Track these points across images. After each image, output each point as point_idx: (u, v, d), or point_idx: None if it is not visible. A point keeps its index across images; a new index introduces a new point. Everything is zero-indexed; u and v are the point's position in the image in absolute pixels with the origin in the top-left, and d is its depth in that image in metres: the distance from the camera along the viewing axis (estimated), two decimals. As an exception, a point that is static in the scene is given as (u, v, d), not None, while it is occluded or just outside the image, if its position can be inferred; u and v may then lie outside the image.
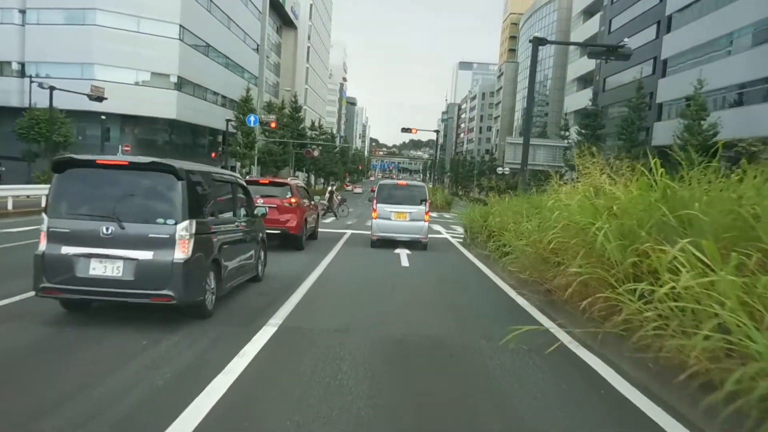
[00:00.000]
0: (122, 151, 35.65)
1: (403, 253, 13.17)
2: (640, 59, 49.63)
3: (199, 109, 46.04)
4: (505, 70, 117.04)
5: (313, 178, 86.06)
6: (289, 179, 13.07)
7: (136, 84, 40.10)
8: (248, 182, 12.65)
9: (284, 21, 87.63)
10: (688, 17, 43.00)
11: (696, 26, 41.22)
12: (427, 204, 13.88)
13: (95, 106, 38.83)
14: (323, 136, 79.55)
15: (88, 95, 30.51)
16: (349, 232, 18.42)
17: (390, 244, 14.28)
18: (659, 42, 46.85)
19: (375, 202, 13.91)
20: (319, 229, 17.89)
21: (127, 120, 41.29)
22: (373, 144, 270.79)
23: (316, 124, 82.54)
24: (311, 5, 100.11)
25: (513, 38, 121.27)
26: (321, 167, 79.67)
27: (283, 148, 55.12)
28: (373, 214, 13.95)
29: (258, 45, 64.34)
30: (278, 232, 12.19)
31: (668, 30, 45.37)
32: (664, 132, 41.51)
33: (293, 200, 12.33)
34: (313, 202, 14.78)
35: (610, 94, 54.30)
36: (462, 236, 18.95)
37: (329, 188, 32.60)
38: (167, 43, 40.72)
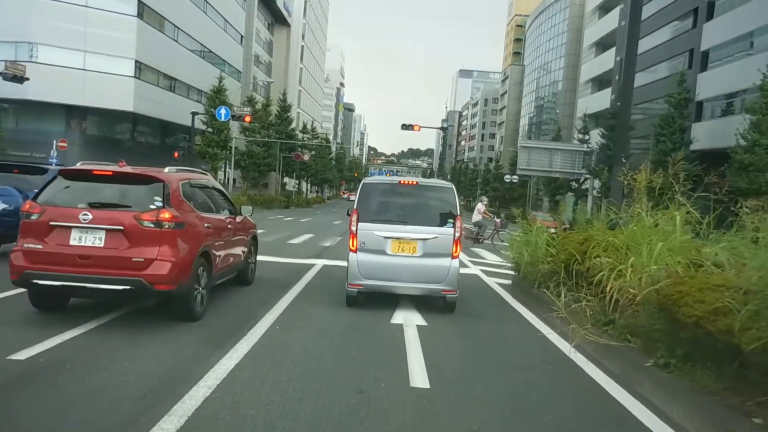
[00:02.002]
0: (57, 148, 28.85)
1: (411, 327, 6.37)
2: (673, 53, 43.42)
3: (164, 102, 39.25)
4: (511, 73, 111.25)
5: (306, 185, 79.42)
6: (166, 171, 6.08)
7: (84, 69, 33.32)
8: (67, 173, 5.91)
9: (276, 18, 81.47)
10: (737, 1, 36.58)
11: (749, 8, 34.80)
12: (459, 223, 7.08)
13: (34, 94, 32.14)
14: (316, 140, 72.81)
15: (1, 74, 23.74)
16: (321, 263, 11.57)
17: (384, 299, 7.50)
18: (697, 32, 40.48)
19: (355, 218, 7.10)
20: (272, 258, 11.15)
21: (73, 111, 34.52)
22: (372, 152, 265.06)
23: (309, 126, 75.85)
24: (306, 2, 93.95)
25: (518, 41, 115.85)
26: (313, 173, 72.98)
27: (267, 150, 48.35)
28: (351, 243, 7.14)
29: (242, 36, 57.72)
30: (126, 287, 5.37)
31: (710, 17, 38.99)
32: (707, 134, 35.25)
33: (167, 216, 5.50)
34: (239, 218, 7.92)
35: (635, 93, 47.57)
36: (496, 269, 12.19)
37: (480, 205, 20.15)
38: (123, 20, 34.02)
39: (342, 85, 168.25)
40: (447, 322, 6.82)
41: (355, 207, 7.17)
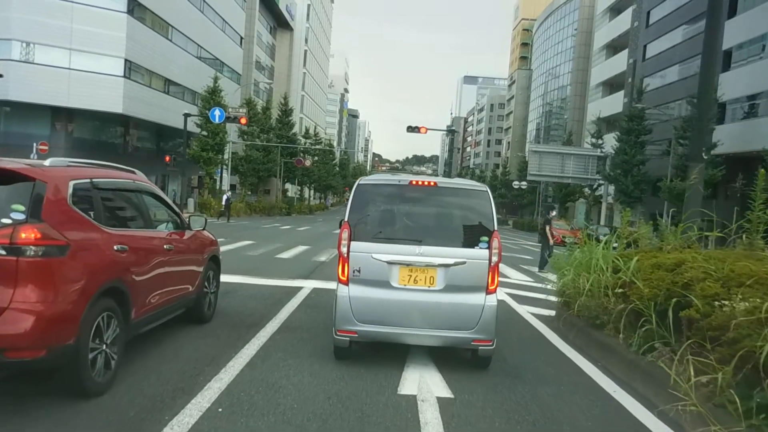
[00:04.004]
0: (37, 151, 26.85)
1: (431, 402, 4.16)
2: (691, 53, 41.18)
3: (158, 105, 37.26)
4: (518, 78, 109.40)
5: (309, 191, 77.33)
6: (47, 164, 3.91)
7: (70, 68, 31.37)
8: None
9: (279, 21, 79.80)
10: (763, -5, 34.37)
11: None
12: (497, 243, 4.89)
13: (16, 95, 30.29)
14: (319, 145, 70.78)
15: (-29, 70, 21.80)
16: (310, 285, 9.35)
17: (388, 349, 5.26)
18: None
19: (346, 234, 4.91)
20: (250, 279, 9.02)
21: (59, 113, 32.53)
22: (376, 159, 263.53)
23: (311, 131, 73.86)
24: (309, 5, 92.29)
25: (525, 45, 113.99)
26: (316, 179, 70.89)
27: (266, 155, 46.30)
28: (341, 271, 4.96)
29: (242, 38, 55.83)
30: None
31: (732, 14, 36.84)
32: (731, 137, 33.07)
33: (32, 236, 3.36)
34: (188, 234, 5.73)
35: (650, 96, 45.44)
36: (526, 291, 10.01)
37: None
38: (111, 17, 32.08)
39: (346, 90, 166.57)
40: (482, 390, 4.59)
41: (346, 218, 4.98)
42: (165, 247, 5.05)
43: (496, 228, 4.94)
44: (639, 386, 4.64)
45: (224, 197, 32.44)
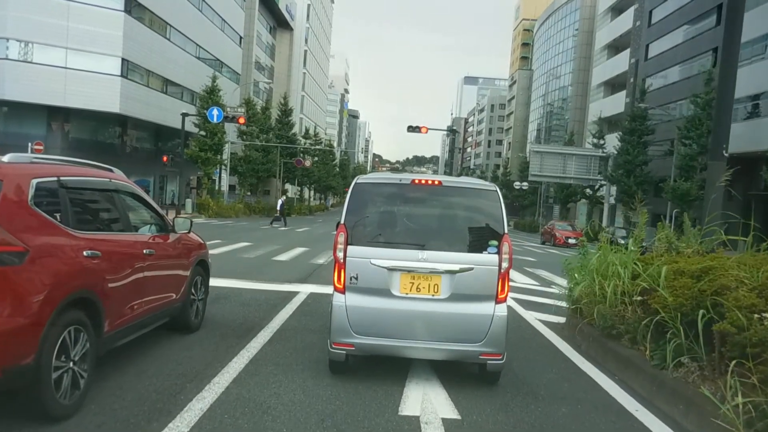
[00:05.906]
0: (32, 151, 26.44)
1: (436, 425, 3.75)
2: (694, 52, 40.76)
3: (156, 105, 36.88)
4: (518, 78, 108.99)
5: (308, 192, 76.95)
6: (5, 160, 3.54)
7: (66, 67, 30.98)
8: None
9: (278, 21, 79.45)
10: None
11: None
12: (508, 247, 4.48)
13: (11, 94, 29.92)
14: (319, 146, 70.33)
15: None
16: (307, 290, 8.93)
17: (388, 363, 4.83)
18: (721, 30, 37.57)
19: (342, 238, 4.49)
20: (244, 283, 8.61)
21: (55, 113, 32.16)
22: (376, 159, 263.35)
23: (311, 132, 73.43)
24: (309, 5, 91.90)
25: (525, 45, 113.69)
26: (316, 180, 70.47)
27: (266, 156, 45.86)
28: (337, 278, 4.54)
29: (241, 37, 55.44)
30: None
31: (738, 12, 36.05)
32: (734, 137, 32.43)
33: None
34: (173, 237, 5.31)
35: (652, 96, 44.97)
36: (532, 296, 9.61)
37: None
38: (108, 15, 31.70)
39: (347, 91, 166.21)
40: (492, 410, 4.16)
41: (342, 220, 4.56)
42: (145, 251, 4.63)
43: (506, 231, 4.52)
44: (663, 405, 4.22)
45: (279, 202, 31.78)
